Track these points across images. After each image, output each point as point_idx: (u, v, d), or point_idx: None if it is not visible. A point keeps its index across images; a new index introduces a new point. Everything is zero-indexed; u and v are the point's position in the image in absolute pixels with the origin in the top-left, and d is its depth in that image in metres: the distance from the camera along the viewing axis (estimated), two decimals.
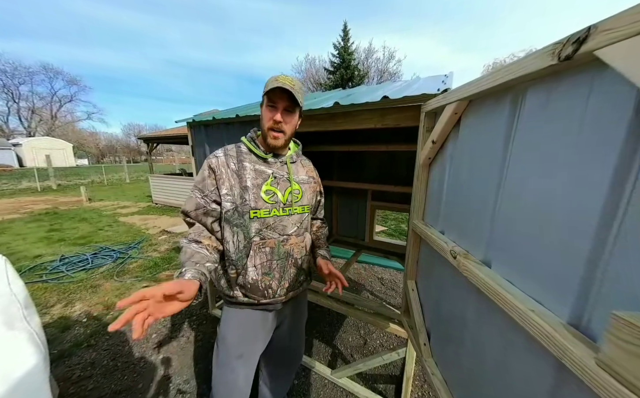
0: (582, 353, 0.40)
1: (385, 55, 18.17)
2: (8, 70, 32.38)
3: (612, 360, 0.36)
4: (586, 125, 0.43)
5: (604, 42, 0.37)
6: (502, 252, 0.65)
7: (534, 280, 0.55)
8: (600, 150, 0.41)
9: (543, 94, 0.52)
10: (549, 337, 0.46)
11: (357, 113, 1.17)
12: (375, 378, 1.67)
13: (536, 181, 0.54)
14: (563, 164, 0.48)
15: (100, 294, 2.62)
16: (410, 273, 1.16)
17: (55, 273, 3.03)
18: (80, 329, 2.10)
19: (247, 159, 0.88)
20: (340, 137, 2.31)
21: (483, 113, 0.72)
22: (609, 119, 0.40)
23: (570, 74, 0.46)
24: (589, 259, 0.43)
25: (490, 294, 0.63)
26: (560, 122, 0.48)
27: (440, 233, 0.93)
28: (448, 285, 0.90)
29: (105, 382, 1.61)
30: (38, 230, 4.85)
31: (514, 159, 0.61)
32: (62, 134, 35.00)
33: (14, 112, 33.98)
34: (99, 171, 16.41)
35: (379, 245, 2.40)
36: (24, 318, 0.50)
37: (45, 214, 6.24)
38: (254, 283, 0.87)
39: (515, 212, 0.59)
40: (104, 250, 3.77)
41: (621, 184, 0.39)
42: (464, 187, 0.81)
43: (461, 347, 0.80)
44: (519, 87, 0.58)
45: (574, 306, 0.46)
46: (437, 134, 0.89)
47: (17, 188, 11.02)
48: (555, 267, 0.49)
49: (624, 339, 0.34)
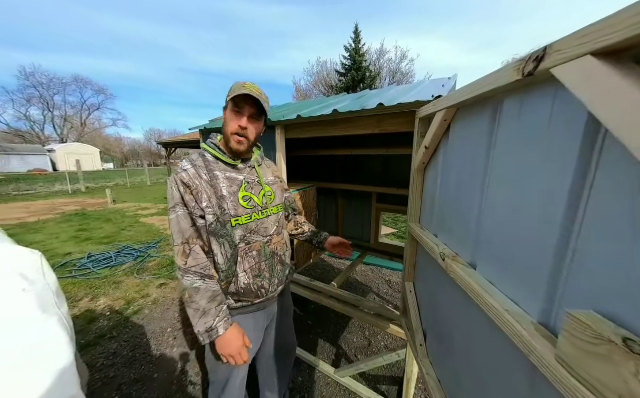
0: (544, 349, 0.43)
1: (398, 55, 17.97)
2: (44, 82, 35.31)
3: (567, 355, 0.39)
4: (550, 135, 0.46)
5: (557, 62, 0.40)
6: (486, 254, 0.67)
7: (511, 281, 0.57)
8: (561, 160, 0.44)
9: (516, 105, 0.54)
10: (519, 335, 0.49)
11: (355, 119, 1.21)
12: (378, 379, 1.69)
13: (511, 187, 0.56)
14: (532, 172, 0.50)
15: (122, 290, 2.82)
16: (408, 275, 1.18)
17: (83, 269, 3.28)
18: (104, 322, 2.28)
19: (216, 168, 0.86)
20: (343, 141, 2.35)
21: (468, 120, 0.74)
22: (568, 130, 0.43)
23: (537, 88, 0.49)
24: (554, 261, 0.45)
25: (472, 295, 0.65)
26: (530, 131, 0.51)
27: (433, 236, 0.95)
28: (440, 286, 0.92)
29: (125, 371, 1.75)
30: (68, 230, 5.26)
31: (494, 165, 0.63)
32: (90, 139, 37.56)
33: (49, 120, 36.93)
34: (123, 174, 17.43)
35: (384, 247, 2.41)
36: (55, 304, 0.59)
37: (75, 215, 6.73)
38: (247, 287, 0.88)
39: (495, 215, 0.62)
40: (125, 249, 4.02)
41: (578, 192, 0.41)
42: (453, 191, 0.83)
43: (451, 346, 0.82)
44: (497, 97, 0.61)
45: (543, 305, 0.48)
46: (429, 139, 0.91)
47: (51, 190, 11.94)
48: (528, 269, 0.51)
49: (577, 336, 0.37)
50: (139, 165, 41.85)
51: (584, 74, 0.36)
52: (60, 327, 0.54)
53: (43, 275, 0.59)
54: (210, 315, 0.78)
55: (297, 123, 1.42)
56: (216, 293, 0.81)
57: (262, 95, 0.83)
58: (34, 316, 0.51)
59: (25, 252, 0.61)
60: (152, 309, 2.46)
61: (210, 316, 0.79)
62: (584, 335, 0.36)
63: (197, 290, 0.78)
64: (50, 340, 0.51)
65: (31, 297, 0.54)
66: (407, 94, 1.29)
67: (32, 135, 34.75)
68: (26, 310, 0.50)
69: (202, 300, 0.78)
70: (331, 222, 2.80)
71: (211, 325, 0.78)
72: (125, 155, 47.34)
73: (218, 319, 0.79)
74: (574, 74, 0.38)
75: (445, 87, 1.31)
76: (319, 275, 3.11)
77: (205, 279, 0.79)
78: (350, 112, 1.15)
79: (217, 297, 0.80)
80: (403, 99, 1.02)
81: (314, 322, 2.24)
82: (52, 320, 0.54)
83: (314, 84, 19.80)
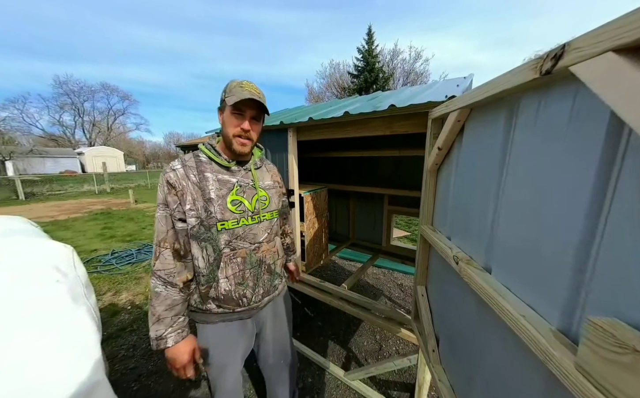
0: (564, 357, 0.41)
1: (412, 56, 17.65)
2: (75, 90, 37.99)
3: (588, 364, 0.37)
4: (570, 135, 0.44)
5: (576, 59, 0.39)
6: (501, 258, 0.65)
7: (528, 286, 0.55)
8: (583, 161, 0.42)
9: (534, 105, 0.53)
10: (536, 341, 0.47)
11: (366, 121, 1.21)
12: (389, 385, 1.66)
13: (529, 189, 0.54)
14: (551, 173, 0.49)
15: (142, 285, 2.96)
16: (420, 278, 1.16)
17: (107, 265, 3.48)
18: (126, 315, 2.40)
19: (208, 169, 0.83)
20: (355, 143, 2.34)
21: (483, 121, 0.72)
22: (589, 130, 0.41)
23: (555, 86, 0.47)
24: (575, 266, 0.43)
25: (486, 299, 0.63)
26: (549, 131, 0.49)
27: (446, 239, 0.93)
28: (453, 291, 0.89)
29: (143, 363, 1.84)
30: (95, 228, 5.60)
31: (511, 166, 0.61)
32: (115, 143, 39.93)
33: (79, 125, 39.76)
34: (144, 176, 18.32)
35: (396, 250, 2.37)
36: (85, 295, 0.64)
37: (101, 214, 7.16)
38: (227, 294, 0.85)
39: (511, 218, 0.60)
40: (146, 247, 4.22)
41: (601, 195, 0.39)
42: (467, 193, 0.81)
43: (465, 353, 0.80)
44: (514, 96, 0.59)
45: (563, 312, 0.46)
46: (443, 140, 0.90)
47: (80, 190, 12.78)
48: (546, 274, 0.49)
49: (598, 344, 0.35)
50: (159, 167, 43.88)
51: (605, 72, 0.35)
52: (88, 317, 0.58)
53: (74, 268, 0.64)
54: (163, 324, 0.76)
55: (309, 125, 1.44)
56: (175, 303, 0.78)
57: (261, 95, 0.82)
58: (66, 305, 0.55)
59: (59, 247, 0.66)
60: None
61: (163, 325, 0.76)
62: (606, 344, 0.34)
63: (158, 295, 0.76)
64: (79, 328, 0.56)
65: (64, 288, 0.58)
66: (419, 95, 1.27)
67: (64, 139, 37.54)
68: (59, 299, 0.55)
69: (159, 306, 0.76)
70: (343, 223, 2.80)
71: (162, 334, 0.76)
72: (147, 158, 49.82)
73: (171, 330, 0.77)
74: (595, 71, 0.37)
75: (460, 87, 1.28)
76: (330, 276, 3.11)
77: (167, 286, 0.77)
78: (361, 113, 1.15)
79: (175, 306, 0.78)
80: (415, 100, 1.01)
81: (324, 323, 2.24)
82: (81, 310, 0.58)
83: (326, 86, 19.88)
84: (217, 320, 0.90)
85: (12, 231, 0.81)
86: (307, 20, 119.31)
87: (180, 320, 0.80)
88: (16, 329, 0.51)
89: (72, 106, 38.29)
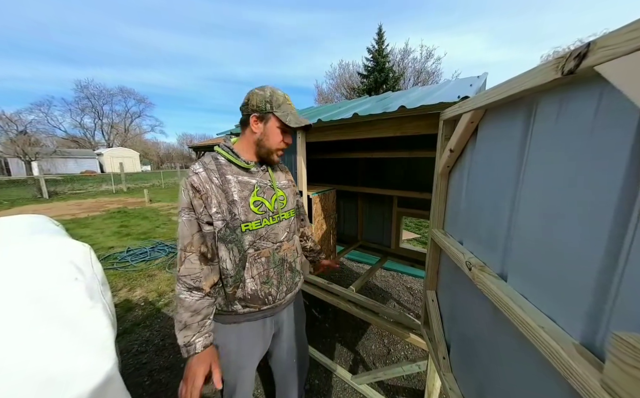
0: (588, 373, 0.39)
1: (423, 55, 17.33)
2: (95, 94, 39.82)
3: (615, 382, 0.35)
4: (596, 137, 0.42)
5: (603, 59, 0.37)
6: (518, 265, 0.62)
7: (548, 295, 0.52)
8: (610, 163, 0.40)
9: (555, 105, 0.50)
10: (557, 355, 0.44)
11: (375, 122, 1.20)
12: (397, 390, 1.63)
13: (548, 194, 0.52)
14: (574, 178, 0.46)
15: (155, 282, 3.05)
16: (430, 283, 1.13)
17: (123, 262, 3.61)
18: (139, 311, 2.48)
19: (229, 171, 0.83)
20: (364, 144, 2.32)
21: (499, 122, 0.70)
22: (616, 133, 0.39)
23: (578, 87, 0.45)
24: (600, 277, 0.41)
25: (502, 308, 0.61)
26: (571, 134, 0.47)
27: (459, 243, 0.90)
28: (466, 297, 0.86)
29: (156, 358, 1.89)
30: (112, 226, 5.83)
31: (528, 170, 0.59)
32: (131, 144, 41.50)
33: (99, 127, 41.63)
34: (158, 176, 18.91)
35: (405, 253, 2.32)
36: (101, 292, 0.67)
37: (117, 212, 7.45)
38: (254, 294, 0.86)
39: (529, 223, 0.57)
40: (159, 245, 4.36)
41: (630, 201, 0.37)
42: (481, 197, 0.78)
43: (477, 362, 0.77)
44: (532, 97, 0.56)
45: (586, 325, 0.44)
46: (455, 142, 0.87)
47: (99, 190, 13.34)
48: (568, 284, 0.47)
49: (626, 361, 0.33)
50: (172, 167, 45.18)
51: (636, 71, 0.33)
52: (104, 314, 0.61)
53: (91, 266, 0.67)
54: (190, 330, 0.76)
55: (318, 127, 1.44)
56: (201, 307, 0.78)
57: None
58: (83, 302, 0.58)
59: (78, 245, 0.69)
60: None
61: (191, 331, 0.76)
62: (634, 361, 0.32)
63: (182, 301, 0.76)
64: (95, 325, 0.58)
65: (81, 286, 0.61)
66: (430, 95, 1.24)
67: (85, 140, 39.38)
68: (77, 296, 0.57)
69: (185, 313, 0.76)
70: (351, 225, 2.78)
71: (189, 340, 0.75)
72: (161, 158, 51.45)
73: (198, 334, 0.77)
74: (624, 71, 0.35)
75: (474, 87, 1.24)
76: (338, 278, 3.09)
77: (192, 291, 0.76)
78: (370, 115, 1.14)
79: (201, 311, 0.78)
80: (426, 101, 0.99)
81: (332, 325, 2.23)
82: (97, 307, 0.60)
83: (335, 87, 19.85)
84: (242, 320, 0.91)
85: (36, 230, 0.86)
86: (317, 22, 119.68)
87: (207, 324, 0.81)
88: (36, 324, 0.54)
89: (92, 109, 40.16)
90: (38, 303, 0.52)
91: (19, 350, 0.47)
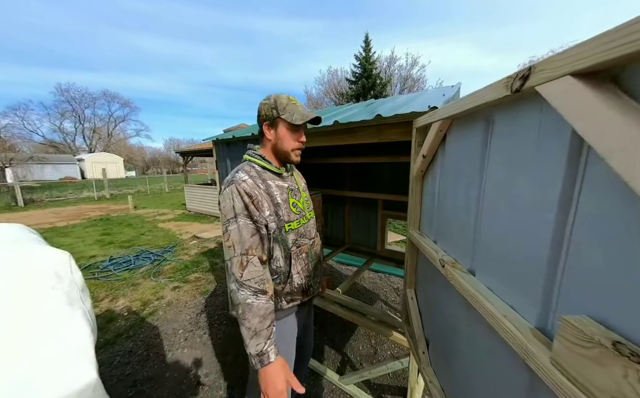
0: (541, 353, 0.44)
1: (408, 62, 17.91)
2: (77, 97, 38.33)
3: (562, 359, 0.39)
4: (539, 148, 0.48)
5: (540, 80, 0.43)
6: (484, 261, 0.68)
7: (509, 288, 0.58)
8: (551, 171, 0.46)
9: (507, 119, 0.57)
10: (517, 340, 0.49)
11: (356, 130, 1.25)
12: (384, 389, 1.67)
13: (505, 197, 0.58)
14: (524, 183, 0.52)
15: (139, 291, 2.97)
16: (409, 281, 1.19)
17: (105, 271, 3.49)
18: (122, 322, 2.41)
19: (267, 177, 0.89)
20: (350, 150, 2.39)
21: (463, 132, 0.76)
22: (555, 143, 0.45)
23: (526, 102, 0.51)
24: (548, 269, 0.46)
25: (471, 301, 0.66)
26: (521, 144, 0.53)
27: (433, 243, 0.96)
28: (441, 293, 0.92)
29: (139, 369, 1.84)
30: (93, 234, 5.61)
31: (489, 175, 0.65)
32: (115, 149, 40.07)
33: (80, 132, 39.98)
34: (144, 182, 18.35)
35: (391, 254, 2.39)
36: (80, 299, 0.67)
37: (100, 220, 7.17)
38: (299, 287, 0.94)
39: (492, 224, 0.63)
40: (144, 253, 4.23)
41: (567, 203, 0.43)
42: (451, 199, 0.84)
43: (453, 354, 0.83)
44: (490, 110, 0.63)
45: (539, 311, 0.49)
46: (427, 149, 0.94)
47: (79, 197, 12.78)
48: (524, 276, 0.53)
49: (571, 340, 0.38)
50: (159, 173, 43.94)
51: (564, 93, 0.39)
52: (84, 320, 0.61)
53: (71, 273, 0.67)
54: (262, 337, 0.74)
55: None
56: (268, 311, 0.77)
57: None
58: (62, 309, 0.58)
59: (57, 253, 0.70)
60: (166, 311, 2.57)
61: (262, 338, 0.74)
62: (576, 339, 0.37)
63: (250, 307, 0.74)
64: (74, 331, 0.59)
65: (60, 293, 0.61)
66: (408, 104, 1.32)
67: (64, 146, 37.66)
68: (56, 303, 0.58)
69: (254, 318, 0.73)
70: (339, 228, 2.82)
71: (262, 348, 0.73)
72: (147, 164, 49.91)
73: (269, 342, 0.75)
74: (556, 92, 0.41)
75: (446, 96, 1.32)
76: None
77: (258, 295, 0.75)
78: (350, 123, 1.19)
79: (268, 315, 0.77)
80: (401, 110, 1.05)
81: (319, 328, 2.25)
82: (77, 314, 0.61)
83: (325, 92, 20.09)
84: (286, 315, 0.96)
85: (12, 239, 0.84)
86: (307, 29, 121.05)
87: (274, 329, 0.79)
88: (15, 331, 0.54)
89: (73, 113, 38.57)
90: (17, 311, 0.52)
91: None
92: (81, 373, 0.54)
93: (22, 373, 0.48)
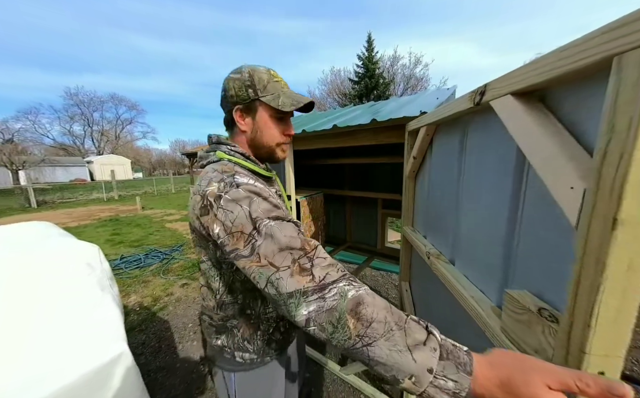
0: (495, 324, 0.53)
1: (412, 61, 17.87)
2: (85, 101, 39.33)
3: (507, 325, 0.48)
4: (499, 155, 0.56)
5: (492, 97, 0.51)
6: (461, 252, 0.76)
7: (479, 273, 0.66)
8: (505, 175, 0.54)
9: (479, 127, 0.65)
10: (480, 315, 0.58)
11: (353, 132, 1.34)
12: (383, 378, 1.74)
13: (475, 194, 0.66)
14: (487, 184, 0.61)
15: (149, 288, 3.10)
16: (403, 275, 1.27)
17: (117, 269, 3.64)
18: (135, 316, 2.53)
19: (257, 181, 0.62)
20: (350, 151, 2.47)
21: (446, 137, 0.84)
22: (507, 150, 0.53)
23: (489, 113, 0.59)
24: (505, 255, 0.55)
25: (448, 286, 0.75)
26: (487, 148, 0.61)
27: (423, 237, 1.04)
28: (429, 284, 1.00)
29: (152, 359, 1.96)
30: (104, 234, 5.81)
31: (464, 175, 0.73)
32: (123, 151, 40.95)
33: (88, 134, 41.00)
34: (151, 183, 18.69)
35: (390, 252, 2.46)
36: (110, 286, 0.77)
37: (109, 220, 7.39)
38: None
39: (466, 220, 0.71)
40: (153, 252, 4.38)
41: (516, 201, 0.51)
42: (437, 198, 0.93)
43: None
44: (464, 119, 0.71)
45: (498, 290, 0.58)
46: (417, 151, 1.02)
47: (89, 198, 13.12)
48: (489, 262, 0.61)
49: (512, 309, 0.47)
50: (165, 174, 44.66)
51: (506, 109, 0.47)
52: (113, 302, 0.71)
53: (100, 263, 0.77)
54: (415, 331, 0.38)
55: (304, 136, 1.57)
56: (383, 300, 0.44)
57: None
58: (95, 293, 0.68)
59: (88, 246, 0.80)
60: (176, 306, 2.69)
61: (416, 332, 0.38)
62: (515, 308, 0.46)
63: (362, 298, 0.41)
64: (106, 310, 0.68)
65: (93, 280, 0.71)
66: (405, 107, 1.39)
67: (74, 148, 38.64)
68: (91, 288, 0.68)
69: (381, 311, 0.40)
70: (340, 227, 2.91)
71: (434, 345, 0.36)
72: (153, 165, 50.82)
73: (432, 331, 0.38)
74: (501, 107, 0.49)
75: (440, 99, 1.40)
76: None
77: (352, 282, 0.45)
78: (348, 126, 1.27)
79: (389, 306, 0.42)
80: (394, 115, 1.13)
81: None
82: (107, 297, 0.71)
83: (328, 93, 20.18)
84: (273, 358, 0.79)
85: (44, 234, 0.95)
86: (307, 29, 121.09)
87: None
88: (56, 312, 0.64)
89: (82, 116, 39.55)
90: (60, 295, 0.62)
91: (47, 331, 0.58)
92: (114, 344, 0.64)
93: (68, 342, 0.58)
